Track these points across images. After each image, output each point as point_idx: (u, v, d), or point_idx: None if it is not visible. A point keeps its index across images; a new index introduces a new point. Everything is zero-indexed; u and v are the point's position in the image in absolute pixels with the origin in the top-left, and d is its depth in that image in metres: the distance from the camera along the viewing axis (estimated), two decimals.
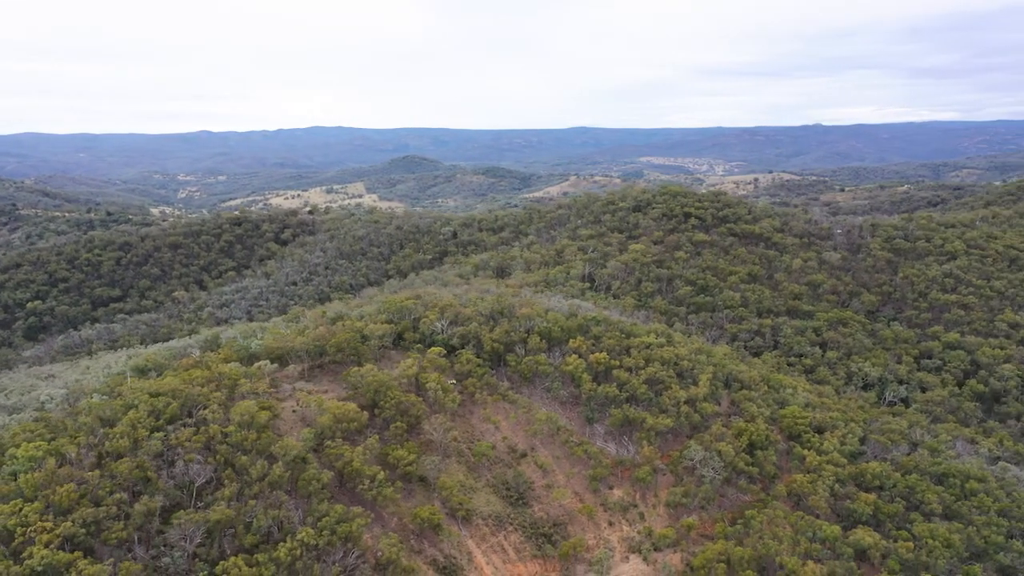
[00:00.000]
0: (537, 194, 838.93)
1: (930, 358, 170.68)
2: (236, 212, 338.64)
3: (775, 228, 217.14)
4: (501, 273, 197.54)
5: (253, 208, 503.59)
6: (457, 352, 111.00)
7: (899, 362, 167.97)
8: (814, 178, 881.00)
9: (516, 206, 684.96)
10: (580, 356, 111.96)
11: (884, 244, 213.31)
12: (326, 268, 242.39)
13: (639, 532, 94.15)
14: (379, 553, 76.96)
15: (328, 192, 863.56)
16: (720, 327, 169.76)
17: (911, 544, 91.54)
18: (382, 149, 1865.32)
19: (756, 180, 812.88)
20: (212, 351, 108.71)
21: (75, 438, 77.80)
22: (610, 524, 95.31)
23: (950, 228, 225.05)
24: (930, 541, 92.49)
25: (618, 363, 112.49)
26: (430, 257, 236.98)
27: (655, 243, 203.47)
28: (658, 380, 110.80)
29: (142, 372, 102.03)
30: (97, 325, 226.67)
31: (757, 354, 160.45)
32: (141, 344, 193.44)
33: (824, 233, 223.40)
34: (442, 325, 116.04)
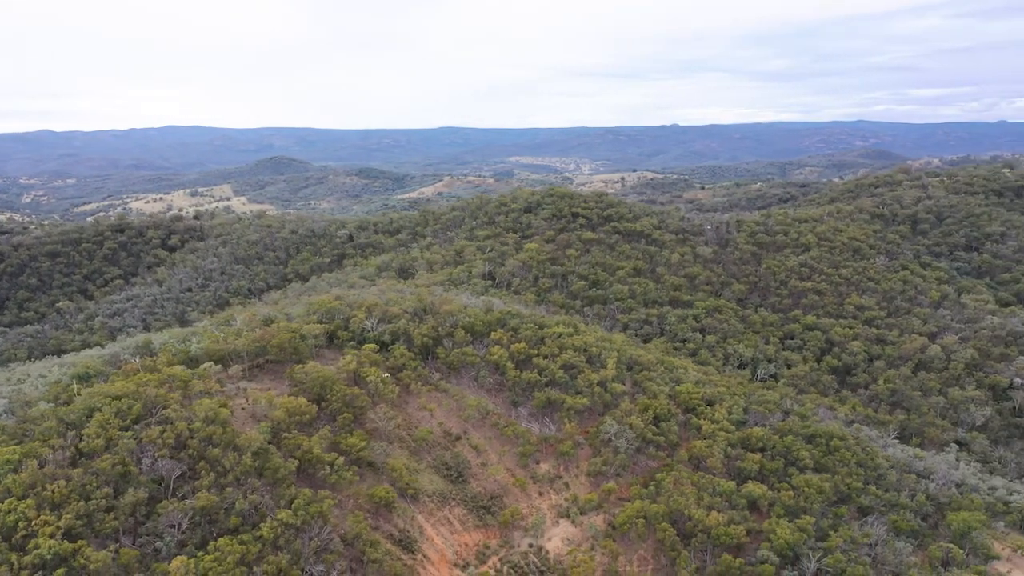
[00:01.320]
0: (412, 195, 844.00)
1: (792, 339, 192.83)
2: (111, 218, 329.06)
3: (654, 226, 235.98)
4: (404, 274, 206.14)
5: (111, 213, 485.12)
6: (389, 348, 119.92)
7: (767, 343, 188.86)
8: (675, 176, 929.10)
9: (393, 207, 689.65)
10: (502, 347, 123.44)
11: (748, 239, 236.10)
12: (222, 273, 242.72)
13: (566, 499, 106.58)
14: (345, 529, 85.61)
15: (193, 195, 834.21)
16: (613, 317, 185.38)
17: (792, 493, 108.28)
18: (245, 150, 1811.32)
19: (623, 179, 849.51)
20: (149, 356, 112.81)
21: (48, 441, 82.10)
22: (540, 494, 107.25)
23: (803, 223, 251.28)
24: (806, 489, 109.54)
25: (536, 352, 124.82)
26: (328, 260, 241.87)
27: (547, 242, 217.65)
28: (572, 365, 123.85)
29: (85, 379, 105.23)
30: None
31: (647, 340, 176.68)
32: (29, 358, 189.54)
33: (696, 230, 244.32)
34: (372, 323, 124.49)
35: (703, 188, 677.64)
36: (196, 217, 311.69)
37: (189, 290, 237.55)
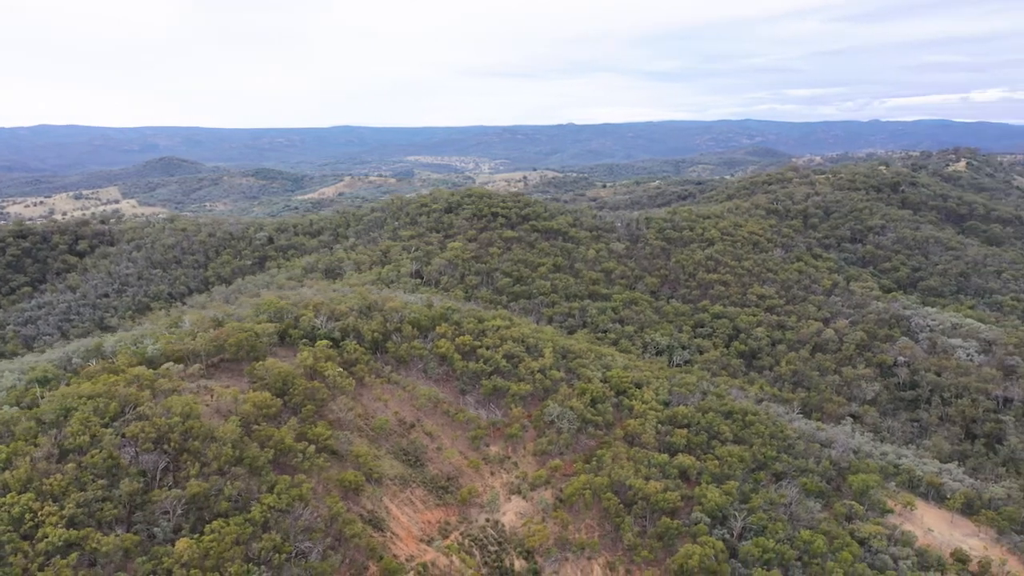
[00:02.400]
0: (312, 196, 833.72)
1: (703, 327, 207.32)
2: (11, 223, 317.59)
3: (569, 224, 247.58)
4: (330, 275, 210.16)
5: None
6: (340, 344, 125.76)
7: (680, 331, 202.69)
8: (575, 175, 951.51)
9: (296, 208, 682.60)
10: (448, 339, 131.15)
11: (658, 234, 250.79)
12: (139, 278, 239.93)
13: (516, 477, 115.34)
14: (322, 511, 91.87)
15: (77, 198, 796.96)
16: (538, 311, 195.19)
17: (716, 462, 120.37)
18: (128, 150, 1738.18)
19: (525, 178, 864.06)
20: (103, 359, 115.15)
21: (33, 440, 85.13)
22: (492, 474, 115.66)
23: (707, 219, 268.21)
24: (728, 459, 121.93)
25: (479, 343, 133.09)
26: (250, 262, 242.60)
27: (470, 241, 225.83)
28: (513, 355, 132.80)
29: (44, 383, 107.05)
30: None
31: (572, 332, 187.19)
32: None
33: (608, 227, 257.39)
34: (321, 321, 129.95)
35: (604, 186, 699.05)
36: (103, 222, 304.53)
37: (106, 296, 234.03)
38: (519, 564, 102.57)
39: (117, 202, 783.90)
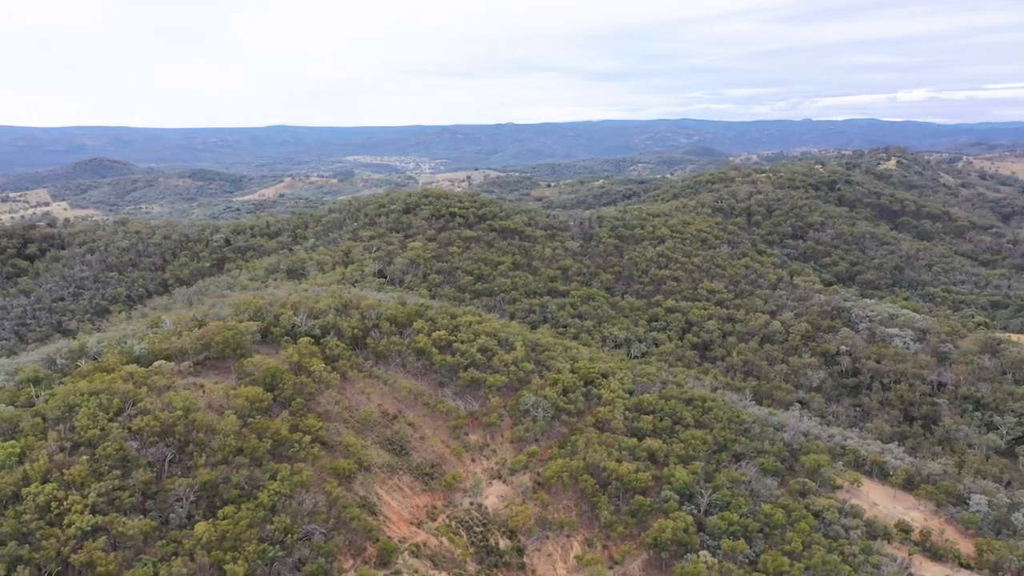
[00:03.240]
0: (252, 197, 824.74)
1: (657, 321, 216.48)
2: None
3: (525, 223, 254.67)
4: (293, 275, 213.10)
5: None
6: (321, 340, 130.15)
7: (636, 325, 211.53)
8: (518, 175, 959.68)
9: (238, 210, 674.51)
10: (425, 335, 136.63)
11: (610, 233, 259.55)
12: (95, 281, 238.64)
13: (496, 463, 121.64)
14: (323, 495, 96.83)
15: (4, 201, 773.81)
16: (501, 308, 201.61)
17: (682, 445, 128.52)
18: (54, 151, 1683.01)
19: (469, 178, 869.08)
20: (90, 359, 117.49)
21: (44, 434, 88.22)
22: (473, 460, 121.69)
23: (656, 217, 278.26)
24: (692, 441, 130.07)
25: (454, 338, 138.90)
26: (208, 264, 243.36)
27: (430, 240, 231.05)
28: (487, 348, 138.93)
29: (37, 382, 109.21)
30: None
31: (535, 327, 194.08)
32: None
33: (562, 225, 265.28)
34: (301, 319, 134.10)
35: (549, 186, 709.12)
36: (50, 225, 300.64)
37: (61, 299, 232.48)
38: (503, 543, 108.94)
39: (47, 205, 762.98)
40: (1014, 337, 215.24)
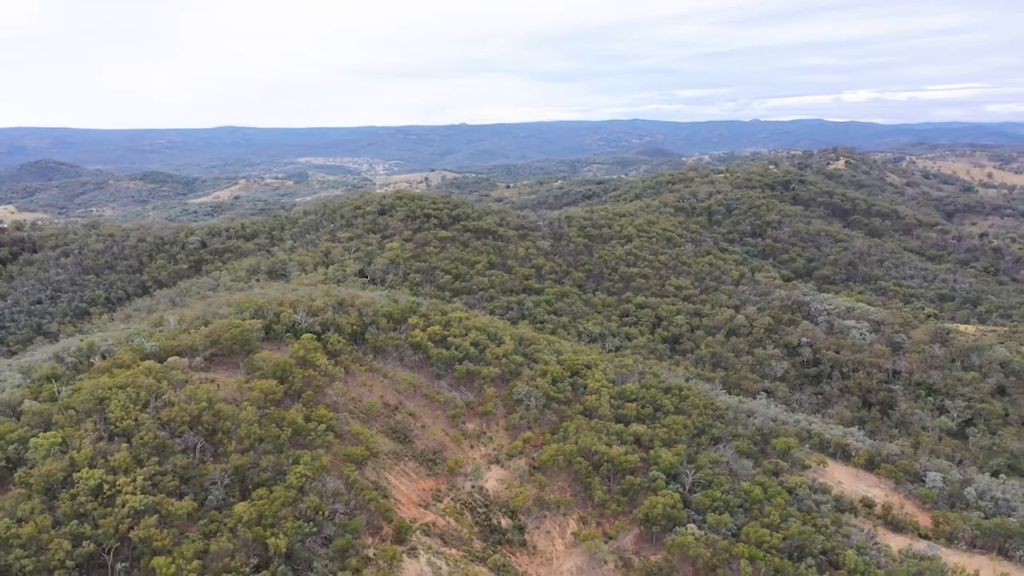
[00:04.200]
0: (206, 199, 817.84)
1: (628, 316, 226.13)
2: None
3: (497, 223, 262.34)
4: (275, 276, 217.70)
5: None
6: (322, 336, 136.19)
7: (609, 320, 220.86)
8: (475, 176, 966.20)
9: (195, 212, 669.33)
10: (421, 330, 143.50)
11: (579, 232, 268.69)
12: (72, 284, 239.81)
13: (493, 449, 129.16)
14: (342, 479, 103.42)
15: None
16: (480, 306, 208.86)
17: (665, 429, 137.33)
18: None
19: (427, 179, 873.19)
20: (104, 357, 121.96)
21: (76, 426, 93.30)
22: (471, 447, 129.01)
23: (623, 217, 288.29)
24: (674, 426, 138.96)
25: (448, 332, 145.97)
26: (186, 266, 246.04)
27: (406, 241, 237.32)
28: (478, 342, 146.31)
29: (53, 379, 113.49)
30: None
31: (514, 323, 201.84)
32: None
33: (532, 225, 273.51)
34: (301, 316, 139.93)
35: (508, 186, 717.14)
36: (19, 228, 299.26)
37: (39, 302, 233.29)
38: (505, 522, 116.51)
39: None
40: (961, 328, 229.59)
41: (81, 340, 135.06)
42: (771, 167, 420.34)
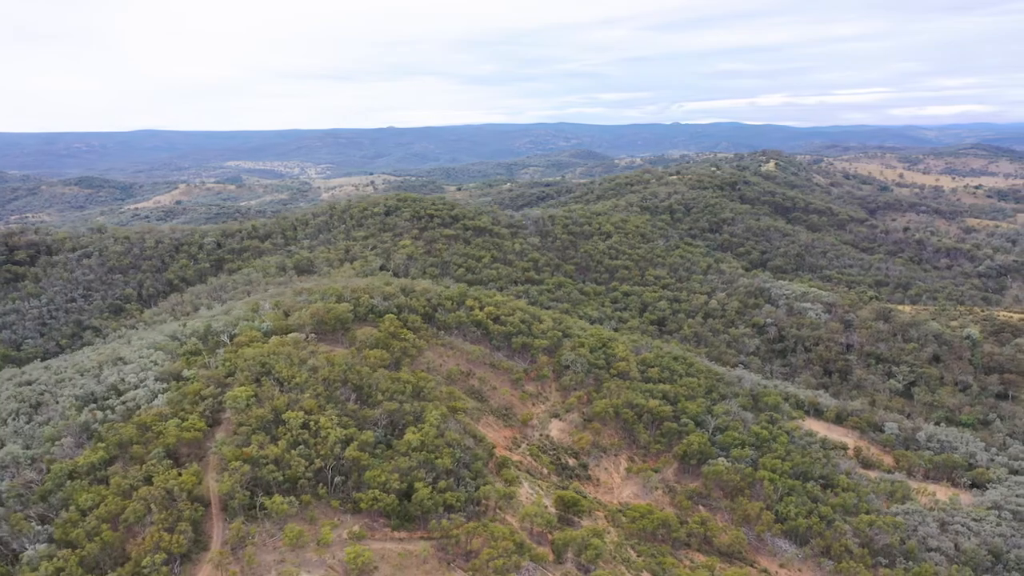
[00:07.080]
0: (147, 204, 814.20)
1: (618, 302, 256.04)
2: None
3: (491, 222, 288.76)
4: (302, 271, 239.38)
5: None
6: (400, 316, 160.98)
7: (604, 306, 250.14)
8: (416, 179, 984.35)
9: (147, 217, 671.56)
10: (479, 310, 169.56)
11: (563, 230, 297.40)
12: (102, 283, 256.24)
13: (552, 405, 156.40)
14: (457, 423, 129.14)
15: None
16: None
17: (684, 388, 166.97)
18: None
19: (373, 182, 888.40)
20: (229, 336, 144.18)
21: (260, 383, 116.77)
22: (533, 404, 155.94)
23: (600, 216, 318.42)
24: (691, 384, 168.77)
25: (500, 312, 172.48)
26: (208, 265, 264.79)
27: (415, 239, 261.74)
28: (525, 319, 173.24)
29: (197, 354, 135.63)
30: None
31: None
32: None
33: (520, 224, 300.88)
34: (378, 301, 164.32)
35: (459, 189, 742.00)
36: (33, 231, 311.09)
37: (73, 300, 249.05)
38: (572, 461, 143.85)
39: None
40: (899, 308, 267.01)
41: (196, 324, 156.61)
42: (713, 168, 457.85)
